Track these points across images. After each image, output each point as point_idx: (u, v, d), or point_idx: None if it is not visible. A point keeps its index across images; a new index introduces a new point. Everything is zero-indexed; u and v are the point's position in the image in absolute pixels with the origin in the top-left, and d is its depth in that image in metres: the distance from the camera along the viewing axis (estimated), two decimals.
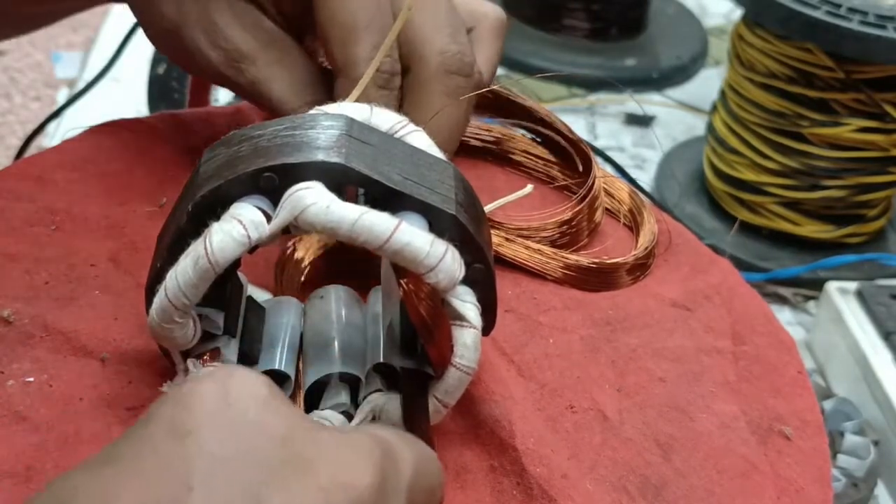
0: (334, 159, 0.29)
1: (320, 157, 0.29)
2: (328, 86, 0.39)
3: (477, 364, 0.31)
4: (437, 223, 0.30)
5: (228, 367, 0.25)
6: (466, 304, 0.31)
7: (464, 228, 0.31)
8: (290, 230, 0.29)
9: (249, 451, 0.22)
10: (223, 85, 0.41)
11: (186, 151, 0.45)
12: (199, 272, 0.28)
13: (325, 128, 0.30)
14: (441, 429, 0.34)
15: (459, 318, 0.31)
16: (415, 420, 0.31)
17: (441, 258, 0.29)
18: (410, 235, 0.29)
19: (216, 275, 0.29)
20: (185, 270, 0.29)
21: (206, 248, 0.28)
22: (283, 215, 0.29)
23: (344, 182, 0.29)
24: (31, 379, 0.34)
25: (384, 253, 0.29)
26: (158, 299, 0.29)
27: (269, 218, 0.29)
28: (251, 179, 0.29)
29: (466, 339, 0.31)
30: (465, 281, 0.31)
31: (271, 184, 0.29)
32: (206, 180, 0.30)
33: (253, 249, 0.29)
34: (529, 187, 0.38)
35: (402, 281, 0.30)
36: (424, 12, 0.39)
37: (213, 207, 0.29)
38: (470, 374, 0.31)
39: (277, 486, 0.22)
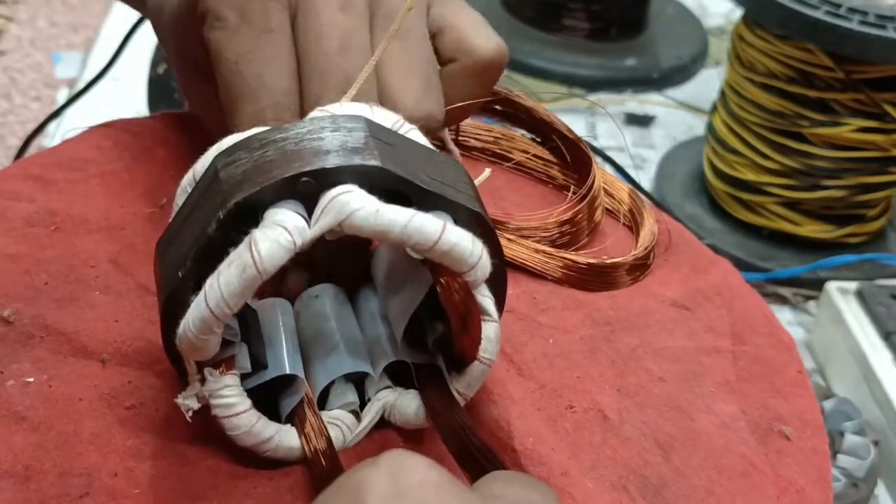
0: (371, 162, 0.29)
1: (357, 160, 0.29)
2: None
3: (497, 356, 0.32)
4: (463, 221, 0.30)
5: (394, 454, 0.24)
6: (486, 298, 0.31)
7: (488, 226, 0.31)
8: (326, 235, 0.29)
9: None
10: None
11: (186, 151, 0.45)
12: (245, 281, 0.28)
13: (349, 130, 0.30)
14: None
15: (482, 312, 0.31)
16: (448, 414, 0.32)
17: (480, 255, 0.30)
18: (457, 235, 0.29)
19: (261, 283, 0.28)
20: (229, 280, 0.28)
21: (253, 257, 0.27)
22: (326, 220, 0.28)
23: (379, 184, 0.29)
24: (31, 379, 0.34)
25: (433, 253, 0.29)
26: (197, 311, 0.28)
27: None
28: (288, 184, 0.29)
29: (489, 333, 0.31)
30: None
31: (308, 188, 0.29)
32: (236, 186, 0.29)
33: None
34: (487, 171, 0.38)
35: (441, 279, 0.30)
36: (395, 66, 0.37)
37: (247, 214, 0.29)
38: (490, 366, 0.32)
39: None
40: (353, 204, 0.28)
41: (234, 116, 0.35)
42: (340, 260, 0.37)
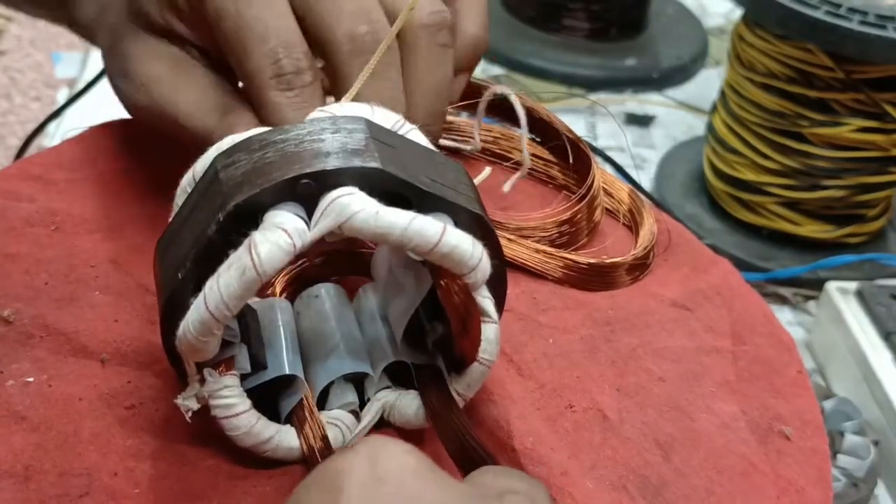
0: (371, 164, 0.29)
1: (357, 162, 0.29)
2: (237, 93, 0.38)
3: (497, 358, 0.32)
4: (463, 222, 0.30)
5: (372, 441, 0.24)
6: (486, 299, 0.31)
7: (488, 227, 0.31)
8: (326, 237, 0.29)
9: None
10: (151, 122, 0.40)
11: (186, 151, 0.45)
12: (245, 283, 0.28)
13: (350, 131, 0.30)
14: None
15: (481, 313, 0.31)
16: (447, 415, 0.32)
17: (480, 258, 0.30)
18: (457, 238, 0.29)
19: (261, 285, 0.28)
20: (229, 283, 0.28)
21: (253, 259, 0.27)
22: (326, 222, 0.28)
23: (379, 186, 0.29)
24: (31, 379, 0.34)
25: (432, 256, 0.29)
26: (197, 313, 0.28)
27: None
28: (288, 186, 0.29)
29: (489, 334, 0.32)
30: None
31: (308, 190, 0.29)
32: (236, 188, 0.29)
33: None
34: (488, 170, 0.38)
35: (441, 281, 0.30)
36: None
37: (247, 216, 0.29)
38: (490, 367, 0.32)
39: None
40: (353, 206, 0.28)
41: (247, 63, 0.35)
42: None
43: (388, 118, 0.33)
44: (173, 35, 0.39)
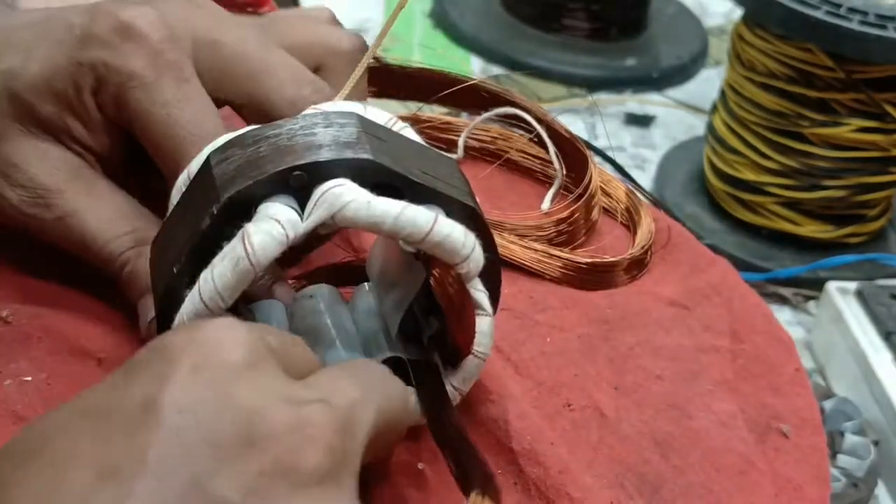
0: (363, 155, 0.29)
1: (349, 153, 0.29)
2: (147, 215, 0.37)
3: (491, 351, 0.32)
4: (455, 214, 0.30)
5: (205, 325, 0.25)
6: (479, 292, 0.31)
7: (481, 220, 0.31)
8: (318, 229, 0.29)
9: (207, 428, 0.23)
10: (27, 228, 0.36)
11: None
12: (239, 274, 0.28)
13: (342, 125, 0.30)
14: None
15: (475, 305, 0.31)
16: (441, 411, 0.32)
17: (473, 248, 0.30)
18: (450, 227, 0.29)
19: (255, 276, 0.28)
20: (223, 273, 0.28)
21: (246, 250, 0.28)
22: (319, 213, 0.29)
23: (371, 178, 0.29)
24: (29, 378, 0.34)
25: (424, 245, 0.29)
26: (192, 304, 0.29)
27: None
28: (281, 179, 0.29)
29: (483, 327, 0.32)
30: None
31: (301, 182, 0.29)
32: (229, 181, 0.29)
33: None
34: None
35: (434, 271, 0.30)
36: (263, 71, 0.37)
37: (240, 209, 0.29)
38: (485, 360, 0.32)
39: (222, 473, 0.23)
40: (345, 196, 0.28)
41: (184, 160, 0.34)
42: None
43: (380, 116, 0.33)
44: (71, 140, 0.36)
